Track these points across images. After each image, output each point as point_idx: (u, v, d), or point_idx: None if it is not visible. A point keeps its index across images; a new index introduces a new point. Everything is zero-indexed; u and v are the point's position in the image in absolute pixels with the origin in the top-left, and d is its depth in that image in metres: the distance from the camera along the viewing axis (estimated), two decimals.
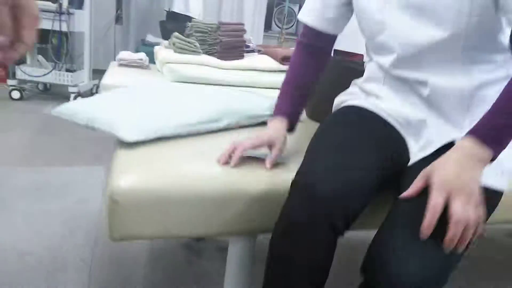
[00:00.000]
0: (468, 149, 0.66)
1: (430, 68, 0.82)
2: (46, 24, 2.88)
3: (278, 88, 1.00)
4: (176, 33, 2.10)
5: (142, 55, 2.31)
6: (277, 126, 0.92)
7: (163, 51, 2.12)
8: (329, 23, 0.97)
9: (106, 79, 1.92)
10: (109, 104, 1.02)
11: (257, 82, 2.06)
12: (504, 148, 0.68)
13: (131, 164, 0.79)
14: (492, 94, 0.75)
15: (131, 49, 4.49)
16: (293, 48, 1.03)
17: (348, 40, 1.54)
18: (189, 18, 3.81)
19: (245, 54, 2.16)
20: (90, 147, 1.17)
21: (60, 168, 2.02)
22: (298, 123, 0.99)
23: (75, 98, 3.07)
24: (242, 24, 2.16)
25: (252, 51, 2.24)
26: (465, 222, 0.60)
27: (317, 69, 1.01)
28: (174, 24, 3.76)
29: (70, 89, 3.06)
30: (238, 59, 2.09)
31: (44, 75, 2.98)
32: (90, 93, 3.43)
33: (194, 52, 2.06)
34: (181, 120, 0.96)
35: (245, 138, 0.85)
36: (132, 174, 0.75)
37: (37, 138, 2.40)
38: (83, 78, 3.20)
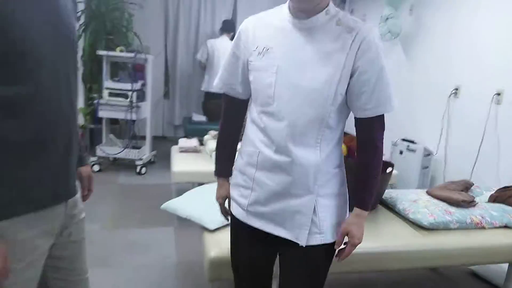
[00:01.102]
0: (360, 214, 1.11)
1: (296, 141, 1.04)
2: (120, 115, 3.82)
3: None
4: None
5: (195, 142, 3.17)
6: (225, 186, 1.32)
7: (211, 142, 2.98)
8: (240, 93, 1.21)
9: (175, 167, 2.77)
10: (194, 204, 1.84)
11: None
12: None
13: (214, 242, 1.58)
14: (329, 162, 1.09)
15: (177, 120, 5.46)
16: None
17: None
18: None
19: None
20: (159, 212, 1.80)
21: (142, 229, 2.84)
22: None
23: (140, 168, 3.97)
24: None
25: None
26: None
27: (239, 122, 1.30)
28: (212, 102, 4.71)
29: (137, 162, 3.97)
30: None
31: (119, 153, 3.90)
32: (149, 162, 4.33)
33: None
34: None
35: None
36: (216, 249, 1.54)
37: (120, 205, 3.26)
38: (145, 152, 4.11)
